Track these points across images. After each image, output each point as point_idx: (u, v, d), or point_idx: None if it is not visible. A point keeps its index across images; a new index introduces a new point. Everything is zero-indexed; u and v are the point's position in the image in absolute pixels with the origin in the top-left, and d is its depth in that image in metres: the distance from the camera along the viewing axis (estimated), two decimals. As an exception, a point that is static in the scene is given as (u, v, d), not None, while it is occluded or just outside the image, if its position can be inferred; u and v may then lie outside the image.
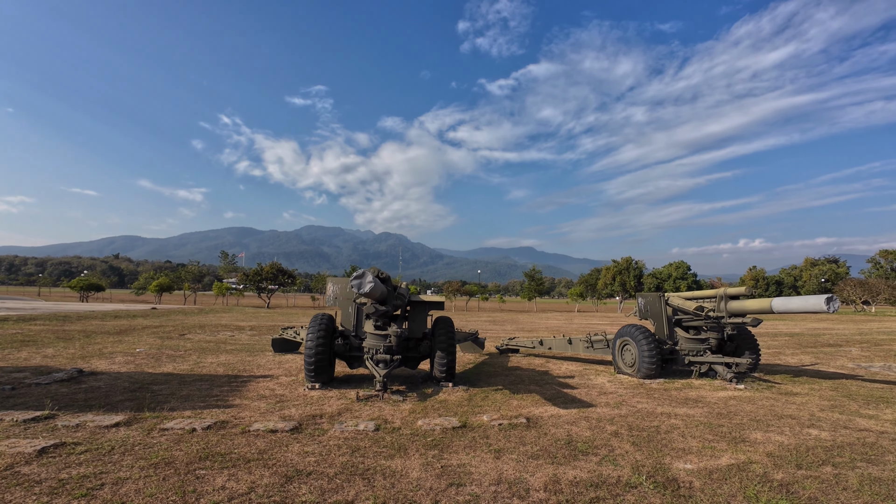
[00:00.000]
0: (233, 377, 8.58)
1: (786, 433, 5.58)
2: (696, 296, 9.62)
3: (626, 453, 4.81)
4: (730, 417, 6.26)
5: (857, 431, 5.71)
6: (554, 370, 10.07)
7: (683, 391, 7.92)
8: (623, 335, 9.43)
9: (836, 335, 21.31)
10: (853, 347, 16.02)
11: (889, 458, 4.74)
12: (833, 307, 7.00)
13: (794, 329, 25.54)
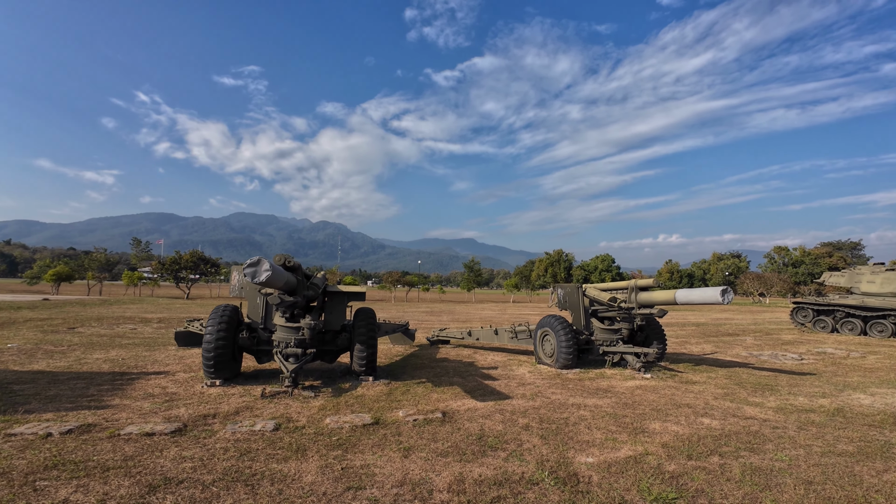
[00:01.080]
0: (119, 375, 7.72)
1: (682, 423, 5.80)
2: (610, 287, 9.82)
3: (533, 447, 4.77)
4: (634, 407, 6.45)
5: (744, 420, 6.02)
6: (480, 361, 10.05)
7: (596, 381, 8.14)
8: (543, 326, 9.52)
9: (735, 325, 23.23)
10: (748, 337, 17.47)
11: (769, 447, 4.96)
12: (727, 299, 7.43)
13: (701, 319, 27.63)
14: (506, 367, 9.35)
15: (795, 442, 5.14)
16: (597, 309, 9.76)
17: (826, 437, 5.31)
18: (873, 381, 8.66)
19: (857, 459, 4.63)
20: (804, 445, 5.03)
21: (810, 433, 5.47)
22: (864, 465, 4.47)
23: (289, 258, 6.79)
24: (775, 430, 5.61)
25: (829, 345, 14.83)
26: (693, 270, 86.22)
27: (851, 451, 4.88)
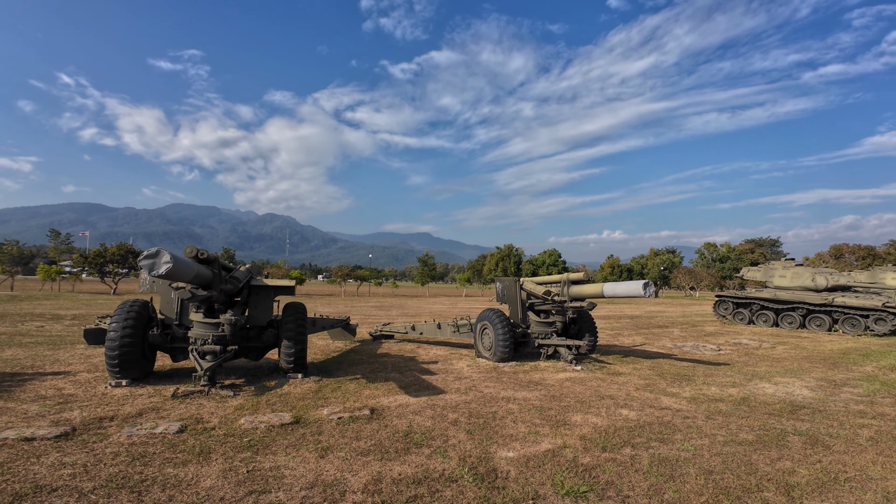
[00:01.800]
0: (10, 376, 6.96)
1: (602, 415, 5.95)
2: (545, 280, 9.95)
3: (459, 443, 4.73)
4: (560, 400, 6.58)
5: (659, 410, 6.26)
6: (422, 356, 9.96)
7: (529, 374, 8.26)
8: (482, 319, 9.54)
9: (666, 318, 24.51)
10: (675, 328, 18.43)
11: (678, 437, 5.14)
12: (648, 292, 7.71)
13: (636, 312, 28.98)
14: (446, 361, 9.31)
15: (702, 432, 5.38)
16: (533, 302, 9.91)
17: (730, 427, 5.60)
18: (778, 371, 9.29)
19: (755, 448, 4.89)
20: (710, 435, 5.27)
21: (717, 422, 5.75)
22: (761, 454, 4.73)
23: (201, 250, 6.36)
24: (686, 419, 5.86)
25: (745, 336, 15.89)
26: (632, 265, 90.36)
27: (751, 439, 5.15)
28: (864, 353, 11.71)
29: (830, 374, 8.93)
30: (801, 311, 17.62)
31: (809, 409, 6.43)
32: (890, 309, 15.40)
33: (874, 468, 4.28)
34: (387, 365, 8.79)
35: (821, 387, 7.78)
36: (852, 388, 7.66)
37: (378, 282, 68.18)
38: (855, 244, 71.94)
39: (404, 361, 9.23)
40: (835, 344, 13.85)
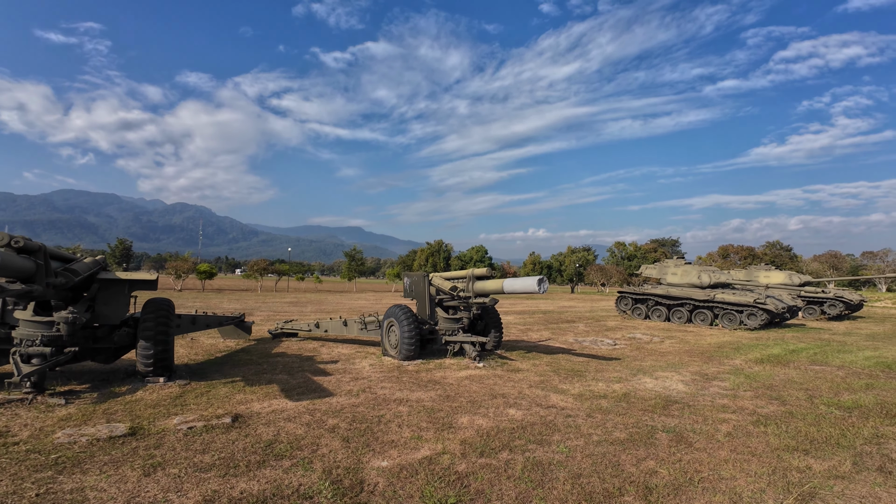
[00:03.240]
0: None
1: (489, 415, 5.77)
2: (452, 276, 9.64)
3: (329, 453, 4.31)
4: (454, 400, 6.33)
5: (545, 409, 6.16)
6: (323, 355, 9.35)
7: (432, 372, 7.98)
8: (389, 316, 9.12)
9: (575, 313, 25.46)
10: (581, 323, 19.08)
11: (556, 438, 5.01)
12: (542, 288, 7.69)
13: (550, 307, 29.89)
14: (349, 360, 8.80)
15: (580, 431, 5.32)
16: (442, 298, 9.64)
17: (606, 425, 5.61)
18: (661, 365, 9.67)
19: (624, 447, 4.88)
20: (586, 434, 5.22)
21: (595, 421, 5.75)
22: (629, 453, 4.72)
23: (17, 237, 5.37)
24: (568, 418, 5.80)
25: (641, 330, 16.65)
26: (552, 262, 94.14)
27: (623, 438, 5.16)
28: (735, 346, 12.59)
29: (704, 367, 9.43)
30: (689, 307, 18.91)
31: (681, 404, 6.64)
32: (760, 305, 16.88)
33: (726, 467, 4.38)
34: (277, 366, 8.12)
35: (694, 381, 8.15)
36: (721, 382, 8.09)
37: (300, 276, 64.51)
38: (739, 245, 79.66)
39: (300, 362, 8.59)
40: (714, 338, 14.85)
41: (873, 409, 6.11)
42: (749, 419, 5.82)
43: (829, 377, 8.18)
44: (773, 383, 7.85)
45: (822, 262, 74.64)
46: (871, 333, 15.96)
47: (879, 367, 8.94)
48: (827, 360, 9.81)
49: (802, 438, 5.03)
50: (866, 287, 63.45)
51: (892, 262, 74.11)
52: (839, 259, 76.12)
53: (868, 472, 4.06)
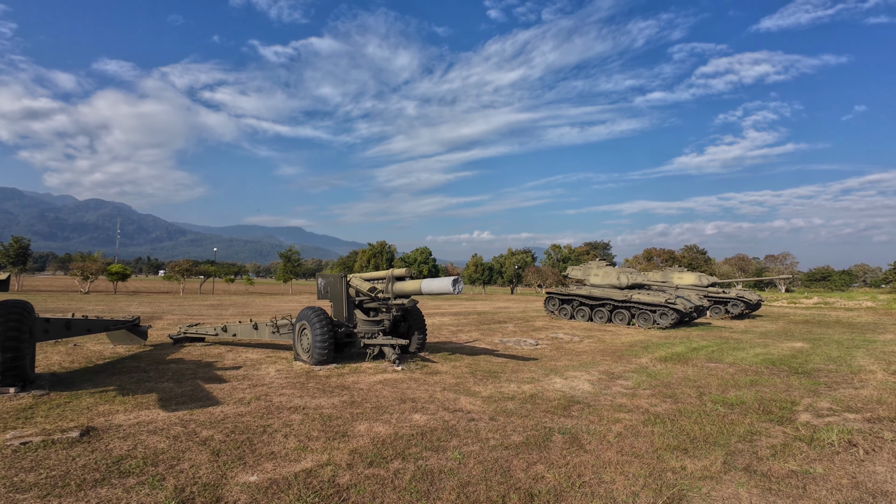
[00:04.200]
0: None
1: (391, 422, 5.51)
2: (372, 277, 9.24)
3: (191, 468, 3.88)
4: (359, 406, 6.01)
5: (451, 413, 5.99)
6: (227, 360, 8.66)
7: (344, 377, 7.59)
8: (301, 319, 8.60)
9: (508, 313, 25.80)
10: (511, 324, 19.29)
11: (453, 444, 4.84)
12: (457, 289, 7.55)
13: (486, 308, 30.17)
14: (254, 366, 8.21)
15: (479, 436, 5.18)
16: (363, 300, 9.25)
17: (507, 428, 5.51)
18: (574, 365, 9.79)
19: (518, 452, 4.77)
20: (484, 439, 5.08)
21: (497, 424, 5.64)
22: (522, 458, 4.61)
23: None
24: (471, 422, 5.66)
25: (564, 330, 17.02)
26: (493, 264, 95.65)
27: (519, 442, 5.06)
28: (645, 345, 13.09)
29: (613, 366, 9.67)
30: (609, 307, 19.65)
31: (582, 404, 6.69)
32: (670, 305, 17.84)
33: (608, 470, 4.37)
34: (166, 373, 7.45)
35: (600, 380, 8.30)
36: (624, 381, 8.29)
37: (230, 278, 60.12)
38: (662, 248, 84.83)
39: (196, 368, 7.91)
40: (629, 337, 15.41)
41: (753, 405, 6.44)
42: (641, 418, 5.94)
43: (721, 374, 8.63)
44: (671, 381, 8.15)
45: (732, 265, 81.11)
46: (765, 331, 17.29)
47: (765, 364, 9.59)
48: (721, 358, 10.40)
49: (684, 437, 5.16)
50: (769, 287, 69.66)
51: (790, 264, 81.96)
52: (746, 262, 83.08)
53: (735, 471, 4.18)
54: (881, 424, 5.37)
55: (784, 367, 9.23)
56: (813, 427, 5.36)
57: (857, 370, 8.80)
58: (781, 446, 4.74)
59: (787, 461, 4.34)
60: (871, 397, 6.60)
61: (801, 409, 6.14)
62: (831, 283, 75.60)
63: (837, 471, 4.04)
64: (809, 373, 8.63)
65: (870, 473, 3.95)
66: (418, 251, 76.57)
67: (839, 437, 4.84)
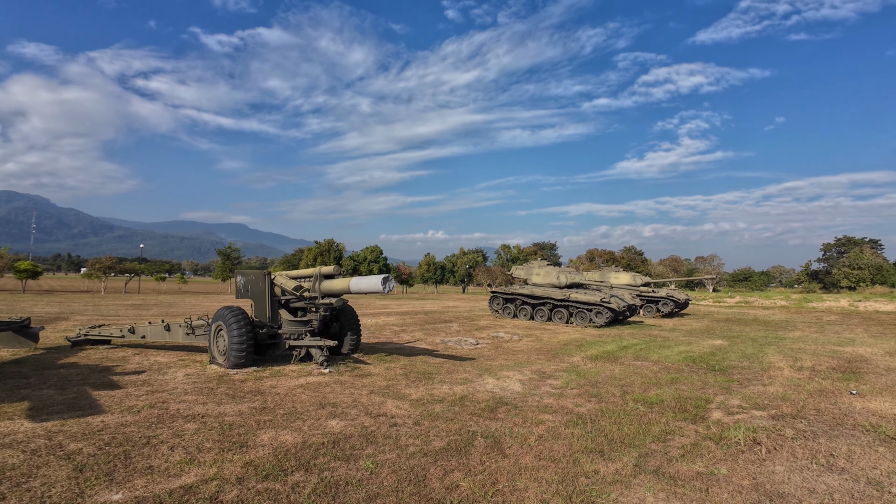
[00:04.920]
0: None
1: (302, 429, 5.08)
2: (298, 275, 8.69)
3: (42, 486, 3.35)
4: (270, 412, 5.53)
5: (373, 418, 5.64)
6: (131, 364, 7.82)
7: (261, 381, 7.05)
8: (217, 319, 7.91)
9: (455, 312, 25.67)
10: (456, 323, 19.16)
11: (368, 452, 4.49)
12: (387, 287, 7.19)
13: (434, 308, 29.87)
14: (161, 370, 7.45)
15: (398, 442, 4.87)
16: (289, 299, 8.67)
17: (430, 433, 5.22)
18: (509, 364, 9.69)
19: (437, 458, 4.50)
20: (403, 446, 4.78)
21: (421, 429, 5.34)
22: (441, 465, 4.33)
23: None
24: (393, 427, 5.33)
25: (506, 329, 17.04)
26: (445, 263, 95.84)
27: (440, 447, 4.79)
28: (579, 343, 13.26)
29: (546, 365, 9.66)
30: (549, 306, 19.96)
31: (510, 405, 6.54)
32: (605, 304, 18.35)
33: (523, 477, 4.17)
34: (50, 379, 6.63)
35: (531, 380, 8.22)
36: (554, 381, 8.25)
37: (160, 276, 55.69)
38: (604, 249, 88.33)
39: (89, 374, 7.10)
40: (566, 335, 15.61)
41: (670, 403, 6.53)
42: (564, 419, 5.84)
43: (645, 372, 8.81)
44: (598, 380, 8.20)
45: (666, 265, 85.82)
46: (690, 329, 18.17)
47: (687, 361, 9.93)
48: (648, 356, 10.68)
49: (602, 439, 5.08)
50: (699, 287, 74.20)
51: (717, 265, 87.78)
52: (678, 262, 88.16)
53: (645, 474, 4.11)
54: (784, 421, 5.56)
55: (703, 364, 9.57)
56: (723, 425, 5.45)
57: (767, 367, 9.27)
58: (691, 446, 4.76)
59: (695, 462, 4.33)
60: (777, 394, 6.89)
61: (714, 407, 6.29)
62: (752, 283, 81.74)
63: (740, 471, 4.06)
64: (725, 370, 8.99)
65: (769, 474, 3.99)
66: (368, 249, 74.94)
67: (745, 436, 4.93)
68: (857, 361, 9.99)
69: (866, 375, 8.40)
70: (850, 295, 41.79)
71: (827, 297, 38.61)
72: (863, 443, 4.70)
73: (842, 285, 61.79)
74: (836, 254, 74.13)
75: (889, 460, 4.24)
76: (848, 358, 10.47)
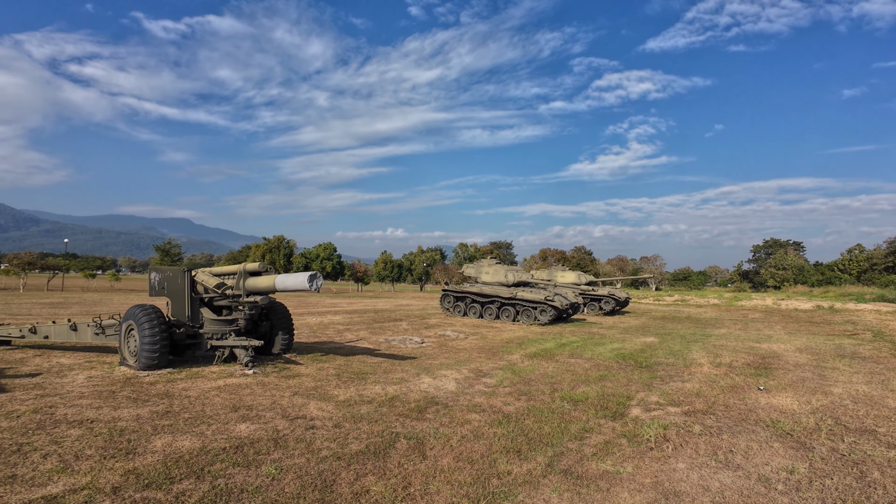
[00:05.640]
0: None
1: (206, 434, 4.68)
2: (222, 272, 8.21)
3: None
4: (173, 416, 5.11)
5: (290, 421, 5.33)
6: (28, 366, 7.10)
7: (175, 384, 6.56)
8: (128, 318, 7.30)
9: (407, 311, 25.35)
10: (405, 322, 18.88)
11: (274, 458, 4.17)
12: (315, 285, 6.87)
13: (387, 306, 29.40)
14: (61, 372, 6.80)
15: (311, 446, 4.60)
16: (213, 297, 8.14)
17: (349, 436, 4.98)
18: (449, 363, 9.53)
19: (351, 462, 4.27)
20: (316, 450, 4.52)
21: (340, 431, 5.09)
22: (353, 469, 4.10)
23: None
24: (308, 431, 5.04)
25: (456, 327, 16.91)
26: (402, 261, 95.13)
27: (357, 450, 4.56)
28: (521, 341, 13.36)
29: (485, 363, 9.61)
30: (497, 304, 20.10)
31: (440, 405, 6.40)
32: (549, 302, 18.70)
33: (437, 479, 4.02)
34: None
35: (467, 378, 8.12)
36: (489, 379, 8.18)
37: (90, 273, 51.45)
38: (556, 249, 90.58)
39: None
40: (511, 333, 15.66)
41: (595, 401, 6.62)
42: (491, 419, 5.78)
43: (577, 370, 8.95)
44: (532, 378, 8.23)
45: (613, 265, 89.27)
46: (627, 327, 18.84)
47: (617, 359, 10.20)
48: (582, 354, 10.90)
49: (523, 438, 5.04)
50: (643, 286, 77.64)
51: (660, 265, 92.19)
52: (625, 262, 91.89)
53: (555, 474, 4.07)
54: (695, 417, 5.74)
55: (632, 361, 9.86)
56: (639, 422, 5.56)
57: (690, 363, 9.67)
58: (605, 444, 4.79)
59: (605, 460, 4.35)
60: (693, 390, 7.15)
61: (635, 404, 6.43)
62: (690, 282, 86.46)
63: (644, 469, 4.11)
64: (651, 367, 9.29)
65: (670, 472, 4.05)
66: (321, 247, 72.54)
67: (656, 433, 5.03)
68: (770, 357, 10.62)
69: (776, 371, 8.92)
70: (775, 294, 45.05)
71: (755, 295, 41.35)
72: (761, 439, 4.91)
73: (768, 285, 66.56)
74: (763, 255, 79.75)
75: (781, 456, 4.43)
76: (763, 354, 11.12)
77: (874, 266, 61.85)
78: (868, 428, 5.36)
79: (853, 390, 7.29)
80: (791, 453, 4.51)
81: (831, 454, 4.51)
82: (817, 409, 6.16)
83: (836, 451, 4.60)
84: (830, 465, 4.24)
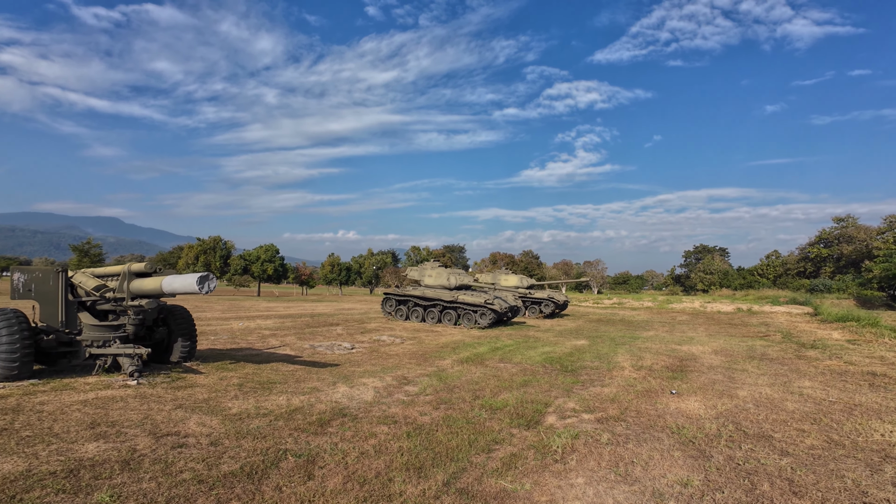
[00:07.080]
0: None
1: (38, 455, 3.86)
2: (105, 272, 7.34)
3: None
4: (6, 435, 4.33)
5: (156, 439, 4.51)
6: None
7: (32, 396, 5.66)
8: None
9: (347, 315, 24.39)
10: (341, 327, 18.01)
11: (114, 482, 3.45)
12: (206, 288, 6.20)
13: (327, 310, 28.20)
14: None
15: (169, 468, 3.95)
16: (95, 300, 7.17)
17: (225, 455, 4.35)
18: (374, 370, 8.89)
19: (214, 486, 3.65)
20: (175, 472, 3.86)
21: (215, 450, 4.45)
22: (213, 495, 3.49)
23: None
24: (174, 449, 4.35)
25: (395, 332, 16.19)
26: (351, 264, 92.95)
27: (228, 472, 3.94)
28: (456, 346, 12.94)
29: (413, 370, 9.13)
30: (439, 307, 19.78)
31: (348, 417, 5.89)
32: (488, 305, 18.61)
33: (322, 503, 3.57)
34: None
35: (388, 386, 7.62)
36: (412, 386, 7.71)
37: None
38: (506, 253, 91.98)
39: None
40: (450, 337, 15.25)
41: (513, 408, 6.35)
42: (400, 431, 5.33)
43: (504, 375, 8.72)
44: (456, 384, 7.89)
45: (559, 269, 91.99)
46: (562, 330, 19.10)
47: (545, 363, 10.10)
48: (512, 358, 10.73)
49: (428, 453, 4.64)
50: (586, 289, 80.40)
51: (601, 269, 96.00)
52: (569, 266, 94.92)
53: (449, 494, 3.70)
54: (606, 425, 5.59)
55: (558, 365, 9.79)
56: (552, 431, 5.32)
57: (613, 367, 9.74)
58: (511, 458, 4.49)
59: (506, 476, 4.03)
60: (609, 395, 7.08)
61: (551, 411, 6.22)
62: (629, 286, 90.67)
63: (542, 485, 3.83)
64: (576, 371, 9.25)
65: (568, 488, 3.79)
66: (263, 248, 68.83)
67: (564, 444, 4.80)
68: (688, 360, 10.95)
69: (690, 374, 9.13)
70: (703, 297, 47.96)
71: (686, 298, 43.76)
72: (664, 447, 4.80)
73: (697, 288, 71.00)
74: (693, 260, 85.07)
75: (679, 467, 4.32)
76: (682, 356, 11.45)
77: (788, 271, 67.71)
78: (765, 433, 5.42)
79: (757, 393, 7.52)
80: (689, 463, 4.40)
81: (727, 463, 4.44)
82: (721, 414, 6.22)
83: (733, 459, 4.56)
84: (724, 476, 4.15)
